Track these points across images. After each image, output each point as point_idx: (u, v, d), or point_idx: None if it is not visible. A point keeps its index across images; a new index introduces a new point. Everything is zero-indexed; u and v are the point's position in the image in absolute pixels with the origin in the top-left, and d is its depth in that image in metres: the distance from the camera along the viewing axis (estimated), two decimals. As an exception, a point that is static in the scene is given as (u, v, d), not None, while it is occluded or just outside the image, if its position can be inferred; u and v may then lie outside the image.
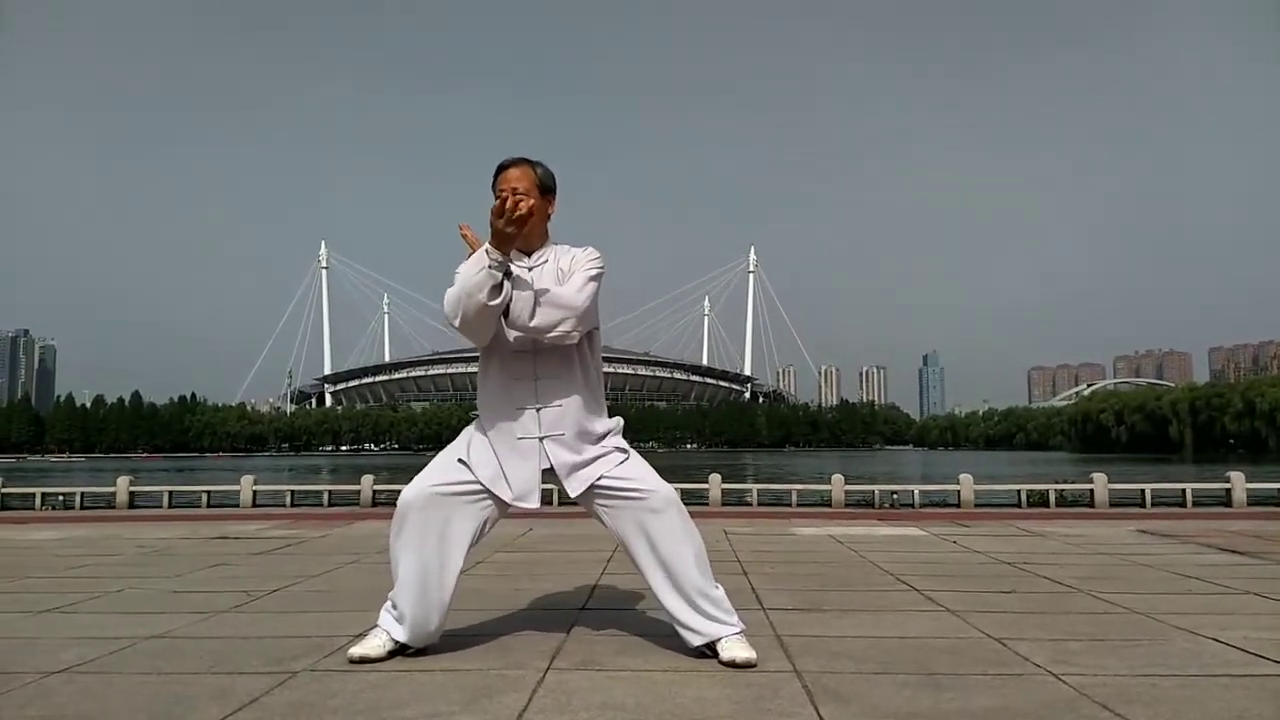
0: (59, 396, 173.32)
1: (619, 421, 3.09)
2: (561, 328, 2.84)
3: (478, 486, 2.93)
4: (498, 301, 2.78)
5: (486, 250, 2.77)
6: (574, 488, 2.94)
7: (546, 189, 3.01)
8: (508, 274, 2.80)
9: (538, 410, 2.94)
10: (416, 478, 3.00)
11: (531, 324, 2.82)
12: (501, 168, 3.00)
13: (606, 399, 3.15)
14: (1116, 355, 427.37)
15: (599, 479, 2.93)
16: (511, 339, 2.94)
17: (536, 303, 2.83)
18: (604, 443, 2.99)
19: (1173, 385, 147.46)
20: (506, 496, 2.92)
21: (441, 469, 2.99)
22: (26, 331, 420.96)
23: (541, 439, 2.93)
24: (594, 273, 2.93)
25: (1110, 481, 14.42)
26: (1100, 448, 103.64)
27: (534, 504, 2.92)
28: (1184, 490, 14.91)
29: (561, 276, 2.96)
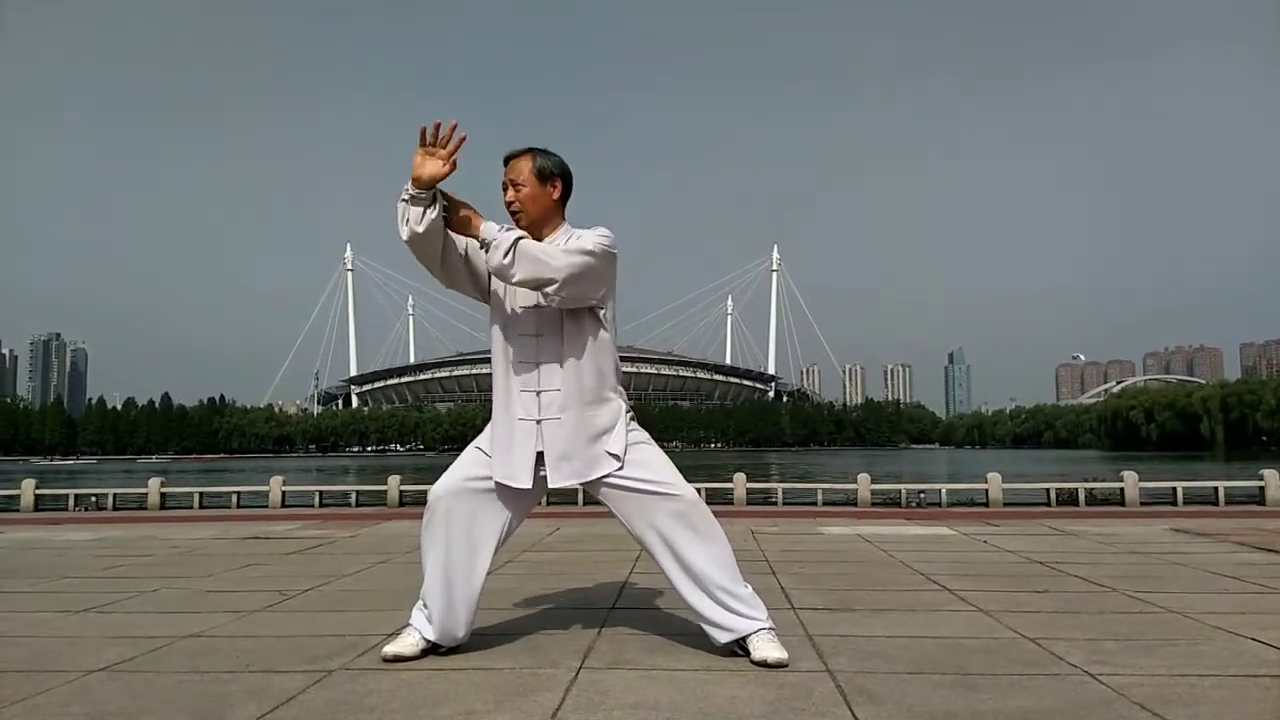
0: (90, 399, 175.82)
1: (626, 415, 2.99)
2: (548, 288, 2.80)
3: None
4: (419, 232, 2.81)
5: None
6: (555, 478, 2.90)
7: (546, 176, 2.98)
8: (427, 203, 2.81)
9: (537, 394, 2.93)
10: (445, 472, 3.03)
11: (515, 277, 2.80)
12: (505, 159, 3.02)
13: (630, 399, 3.11)
14: (1146, 352, 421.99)
15: (607, 476, 2.91)
16: (511, 309, 2.97)
17: (518, 254, 2.78)
18: (605, 439, 2.92)
19: (1204, 382, 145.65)
20: (496, 475, 2.91)
21: (468, 463, 3.01)
22: (58, 335, 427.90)
23: (539, 421, 2.92)
24: (590, 246, 2.86)
25: (1141, 480, 14.25)
26: (1130, 446, 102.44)
27: (525, 484, 2.90)
28: (1216, 488, 14.72)
29: None
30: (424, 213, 2.82)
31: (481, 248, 2.88)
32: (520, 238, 2.83)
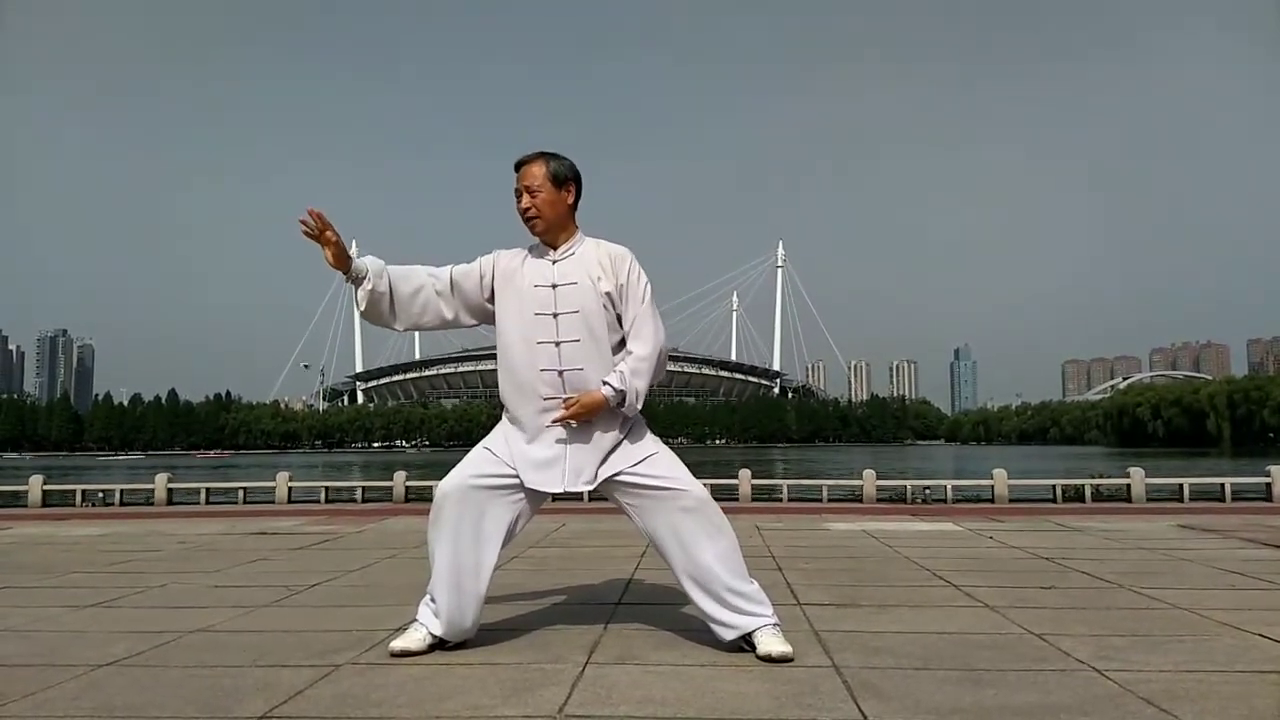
0: (97, 395, 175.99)
1: (642, 420, 3.09)
2: (664, 367, 3.05)
3: (511, 480, 2.95)
4: (362, 309, 3.03)
5: None
6: (575, 483, 2.94)
7: (561, 180, 3.01)
8: (356, 281, 2.98)
9: (560, 374, 2.94)
10: (453, 470, 3.03)
11: (645, 390, 2.96)
12: (516, 165, 3.04)
13: None
14: (1152, 348, 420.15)
15: (619, 474, 2.94)
16: (527, 319, 3.00)
17: (644, 380, 2.95)
18: (622, 442, 2.98)
19: (1210, 378, 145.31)
20: (527, 481, 2.92)
21: (477, 461, 3.01)
22: (65, 331, 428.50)
23: (565, 400, 2.93)
24: (650, 299, 3.04)
25: (1147, 476, 14.20)
26: (1136, 442, 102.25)
27: (558, 489, 2.94)
28: (1223, 484, 14.65)
29: (592, 277, 2.98)
30: (359, 291, 3.00)
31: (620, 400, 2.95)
32: (630, 374, 2.94)
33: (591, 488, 2.97)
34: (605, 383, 2.91)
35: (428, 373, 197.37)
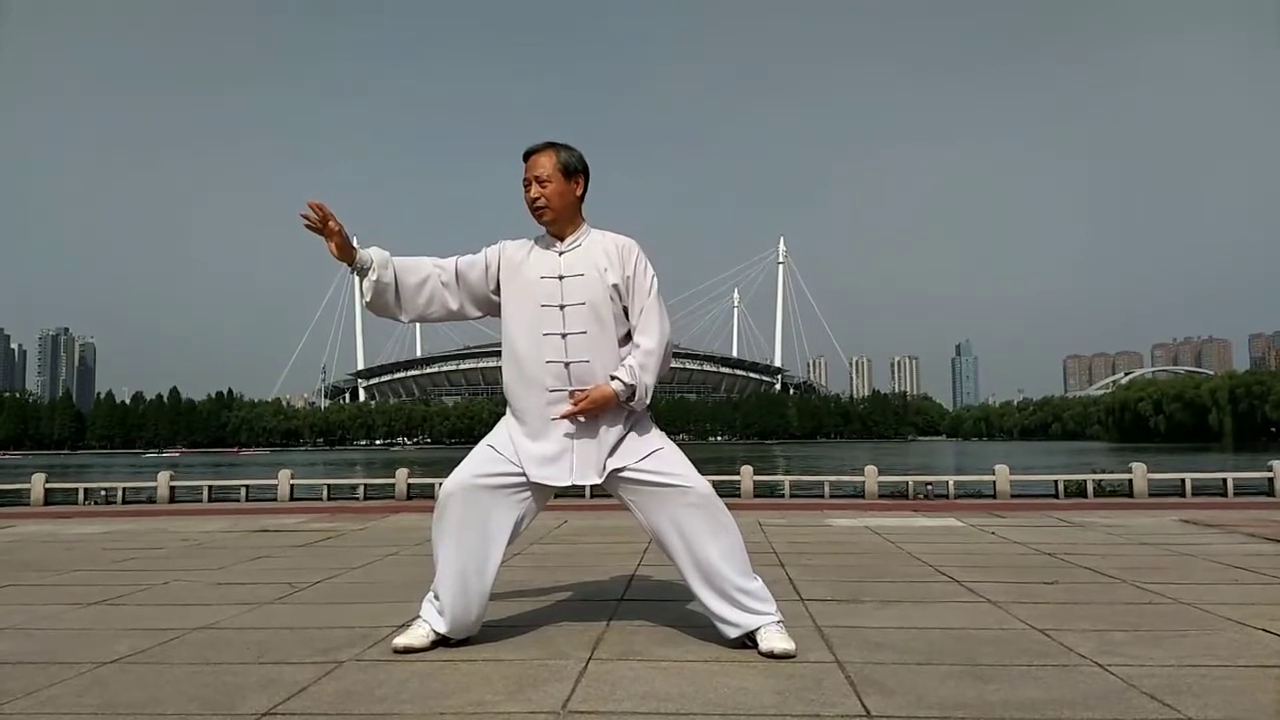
0: (99, 393, 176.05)
1: (648, 412, 3.07)
2: (669, 361, 3.04)
3: (517, 478, 2.94)
4: (367, 300, 3.03)
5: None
6: (582, 476, 2.93)
7: (571, 171, 3.00)
8: (361, 272, 2.98)
9: (566, 366, 2.93)
10: (457, 468, 3.02)
11: (653, 384, 2.96)
12: (525, 154, 3.02)
13: None
14: (1154, 343, 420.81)
15: (623, 470, 2.92)
16: (534, 310, 3.00)
17: (653, 375, 2.94)
18: (628, 435, 2.97)
19: (1212, 373, 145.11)
20: (534, 475, 2.91)
21: (481, 459, 2.99)
22: (67, 329, 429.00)
23: (571, 393, 2.93)
24: (657, 292, 3.02)
25: (1149, 471, 14.19)
26: (1138, 437, 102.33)
27: (566, 482, 2.93)
28: (1225, 479, 14.63)
29: (599, 269, 2.97)
30: (364, 283, 3.00)
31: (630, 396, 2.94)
32: (638, 368, 2.92)
33: (599, 481, 2.96)
34: (614, 377, 2.90)
35: (429, 370, 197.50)
